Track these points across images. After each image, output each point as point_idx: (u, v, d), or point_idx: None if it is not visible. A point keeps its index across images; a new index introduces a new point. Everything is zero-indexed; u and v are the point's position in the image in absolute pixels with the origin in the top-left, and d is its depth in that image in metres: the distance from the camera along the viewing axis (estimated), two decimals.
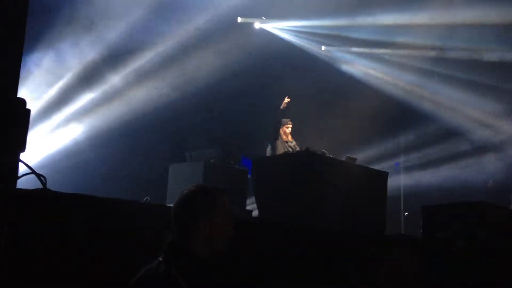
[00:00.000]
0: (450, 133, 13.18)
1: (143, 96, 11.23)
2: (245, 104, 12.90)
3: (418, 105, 13.35)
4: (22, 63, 2.45)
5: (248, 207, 9.62)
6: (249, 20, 12.90)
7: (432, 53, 12.80)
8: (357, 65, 14.02)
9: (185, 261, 2.40)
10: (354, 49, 13.82)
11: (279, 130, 9.52)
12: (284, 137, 9.59)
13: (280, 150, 9.37)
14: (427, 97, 13.33)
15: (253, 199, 8.79)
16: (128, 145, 11.58)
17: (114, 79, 10.91)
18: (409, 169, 13.87)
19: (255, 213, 8.76)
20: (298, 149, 9.38)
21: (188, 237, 2.47)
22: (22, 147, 2.25)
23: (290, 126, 9.69)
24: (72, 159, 11.04)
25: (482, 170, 12.37)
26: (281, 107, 9.57)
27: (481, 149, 12.96)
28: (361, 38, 13.28)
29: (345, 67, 14.07)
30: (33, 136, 9.14)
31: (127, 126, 10.94)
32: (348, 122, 12.85)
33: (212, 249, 2.48)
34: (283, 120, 9.67)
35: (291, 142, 9.56)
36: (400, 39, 12.74)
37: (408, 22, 11.86)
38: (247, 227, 4.15)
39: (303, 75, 13.10)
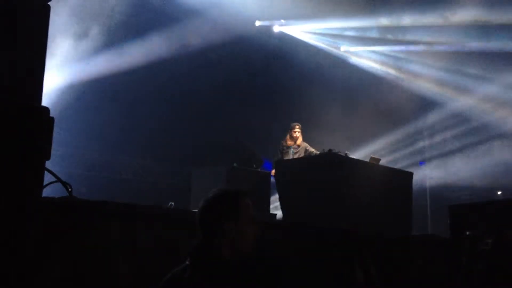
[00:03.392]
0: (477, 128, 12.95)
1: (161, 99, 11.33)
2: (264, 106, 12.93)
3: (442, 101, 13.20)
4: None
5: (271, 210, 9.61)
6: (268, 23, 12.94)
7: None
8: (376, 63, 13.94)
9: (211, 264, 2.41)
10: (373, 47, 13.75)
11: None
12: (289, 142, 9.34)
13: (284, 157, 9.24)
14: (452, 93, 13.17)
15: (276, 202, 8.78)
16: (150, 151, 11.68)
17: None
18: (434, 166, 13.71)
19: (279, 215, 8.74)
20: (311, 151, 9.20)
21: (213, 241, 2.47)
22: (47, 155, 2.27)
23: (298, 130, 9.40)
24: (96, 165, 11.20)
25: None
26: (287, 142, 9.36)
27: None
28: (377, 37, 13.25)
29: (364, 66, 13.99)
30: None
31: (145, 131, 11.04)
32: (370, 122, 12.77)
33: (238, 252, 2.48)
34: (290, 124, 9.49)
35: (296, 148, 9.31)
36: (420, 37, 12.66)
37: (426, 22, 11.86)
38: (271, 230, 4.14)
39: (322, 77, 13.08)
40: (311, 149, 9.26)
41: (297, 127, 9.39)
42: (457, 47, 12.53)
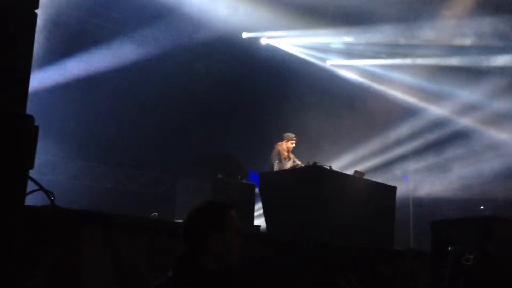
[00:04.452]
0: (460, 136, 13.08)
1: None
2: (250, 118, 12.97)
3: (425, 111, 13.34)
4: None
5: (256, 222, 9.59)
6: (255, 34, 13.01)
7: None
8: (361, 76, 14.09)
9: (195, 276, 2.40)
10: (358, 61, 13.92)
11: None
12: (285, 153, 9.22)
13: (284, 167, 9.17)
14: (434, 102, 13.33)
15: (261, 213, 8.76)
16: (135, 160, 11.63)
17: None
18: (417, 179, 13.80)
19: (264, 227, 8.72)
20: (299, 163, 9.17)
21: (197, 252, 2.46)
22: (30, 164, 2.25)
23: (295, 142, 9.35)
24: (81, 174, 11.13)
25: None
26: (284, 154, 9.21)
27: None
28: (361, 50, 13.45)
29: (349, 78, 14.13)
30: None
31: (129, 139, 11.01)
32: (354, 134, 12.87)
33: (222, 264, 2.48)
34: (287, 134, 9.39)
35: (289, 160, 9.24)
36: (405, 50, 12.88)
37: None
38: (255, 242, 4.13)
39: (308, 89, 13.18)
40: (298, 161, 9.26)
41: (295, 138, 9.37)
42: (438, 61, 12.77)
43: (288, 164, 9.13)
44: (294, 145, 9.33)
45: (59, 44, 9.78)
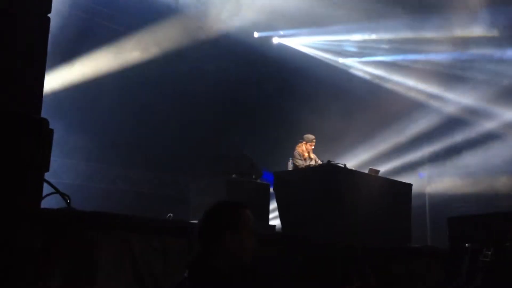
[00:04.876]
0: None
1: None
2: (263, 118, 12.97)
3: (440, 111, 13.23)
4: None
5: (271, 222, 9.58)
6: (267, 34, 13.02)
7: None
8: (373, 73, 14.02)
9: (209, 276, 2.40)
10: (371, 58, 13.84)
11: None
12: (305, 154, 9.19)
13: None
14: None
15: (276, 213, 8.75)
16: (150, 162, 11.66)
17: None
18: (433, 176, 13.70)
19: (279, 226, 8.71)
20: (319, 162, 9.17)
21: (212, 253, 2.47)
22: (46, 167, 2.27)
23: (314, 143, 9.33)
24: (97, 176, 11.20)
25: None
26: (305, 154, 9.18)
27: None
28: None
29: (364, 76, 14.06)
30: None
31: (143, 141, 11.04)
32: (369, 132, 12.82)
33: (236, 264, 2.48)
34: (307, 136, 9.35)
35: (310, 160, 9.20)
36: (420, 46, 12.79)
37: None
38: (269, 242, 4.13)
39: (321, 88, 13.13)
40: (320, 162, 9.17)
41: (314, 140, 9.34)
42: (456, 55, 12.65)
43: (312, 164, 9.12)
44: (313, 146, 9.32)
45: (66, 44, 9.79)
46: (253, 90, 12.96)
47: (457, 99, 13.04)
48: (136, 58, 10.91)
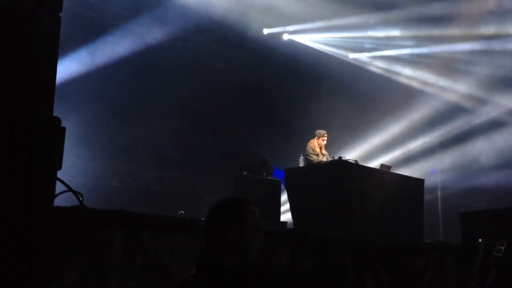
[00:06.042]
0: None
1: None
2: (273, 115, 12.96)
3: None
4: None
5: (282, 218, 9.58)
6: (276, 30, 12.99)
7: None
8: (385, 69, 13.93)
9: (214, 273, 2.39)
10: (384, 52, 13.76)
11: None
12: (317, 150, 9.20)
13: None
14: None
15: (287, 209, 8.75)
16: (161, 161, 11.71)
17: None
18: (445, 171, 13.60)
19: (290, 222, 8.71)
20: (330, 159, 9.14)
21: (218, 249, 2.45)
22: (58, 165, 2.29)
23: (326, 138, 9.34)
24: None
25: None
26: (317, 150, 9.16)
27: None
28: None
29: (375, 71, 13.98)
30: None
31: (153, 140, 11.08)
32: (380, 128, 12.78)
33: (243, 260, 2.45)
34: (318, 131, 9.34)
35: (323, 156, 9.21)
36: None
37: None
38: (277, 238, 4.12)
39: (332, 83, 13.09)
40: (330, 158, 9.15)
41: (326, 135, 9.33)
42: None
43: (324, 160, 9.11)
44: (325, 141, 9.31)
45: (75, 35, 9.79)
46: (263, 88, 12.95)
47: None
48: (148, 55, 10.93)
